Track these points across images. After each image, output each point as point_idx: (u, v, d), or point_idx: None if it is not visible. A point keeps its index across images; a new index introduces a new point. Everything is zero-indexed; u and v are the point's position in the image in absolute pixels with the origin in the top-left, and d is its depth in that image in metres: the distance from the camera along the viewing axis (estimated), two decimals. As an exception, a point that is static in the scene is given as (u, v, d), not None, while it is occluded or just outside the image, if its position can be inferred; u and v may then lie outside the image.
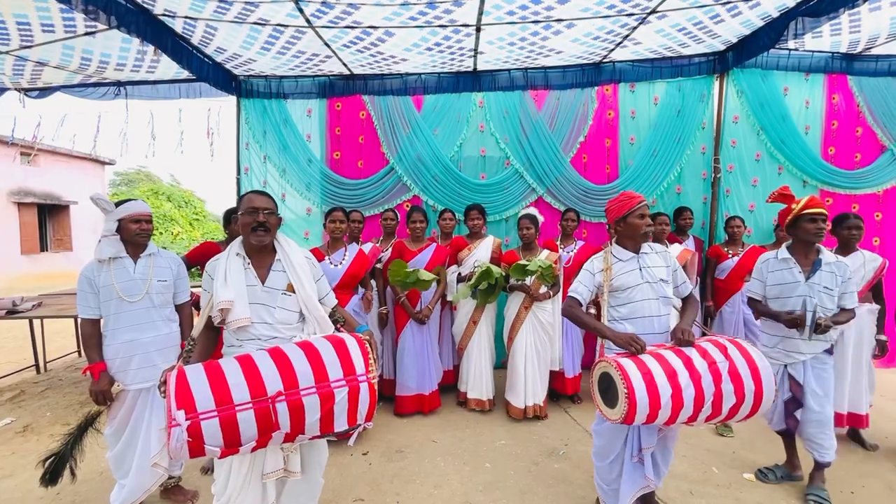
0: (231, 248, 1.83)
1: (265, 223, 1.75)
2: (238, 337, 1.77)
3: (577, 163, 4.54)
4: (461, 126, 4.53)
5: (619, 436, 2.20)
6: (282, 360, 1.57)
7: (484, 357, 3.59)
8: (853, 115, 4.45)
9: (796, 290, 2.45)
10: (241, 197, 1.82)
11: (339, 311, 2.00)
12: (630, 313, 2.16)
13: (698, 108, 4.47)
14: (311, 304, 1.82)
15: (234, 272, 1.75)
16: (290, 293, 1.81)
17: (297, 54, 3.89)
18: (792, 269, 2.49)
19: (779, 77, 4.42)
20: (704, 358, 1.91)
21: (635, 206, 2.18)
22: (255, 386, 1.49)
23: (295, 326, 1.83)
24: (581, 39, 3.71)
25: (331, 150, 4.65)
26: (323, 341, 1.65)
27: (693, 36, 3.80)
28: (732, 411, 1.92)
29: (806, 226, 2.45)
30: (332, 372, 1.57)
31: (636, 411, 1.80)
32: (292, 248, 1.89)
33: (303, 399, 1.52)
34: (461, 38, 3.59)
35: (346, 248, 3.20)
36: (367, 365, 1.63)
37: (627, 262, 2.21)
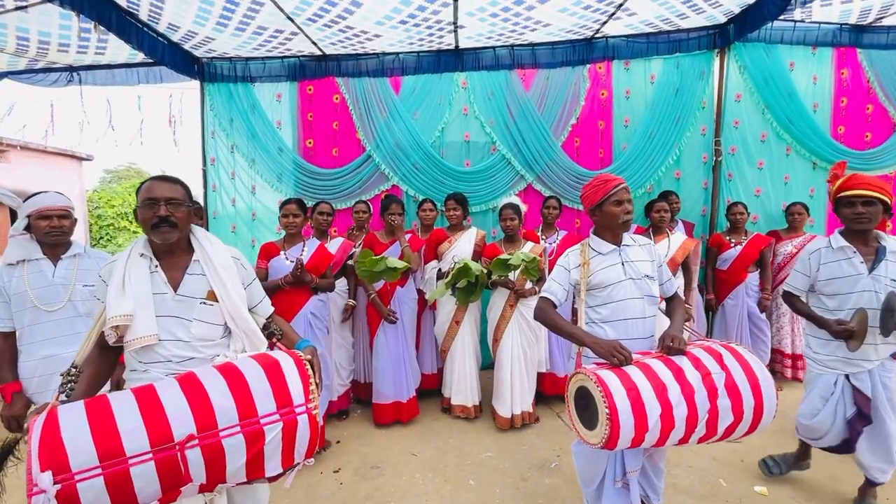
0: (133, 246, 1.47)
1: (169, 217, 1.40)
2: (142, 359, 1.42)
3: (569, 147, 4.22)
4: (443, 109, 4.19)
5: (600, 459, 1.90)
6: (195, 391, 1.24)
7: (468, 359, 3.29)
8: (863, 91, 4.14)
9: (858, 285, 2.07)
10: (139, 186, 1.48)
11: (277, 322, 1.68)
12: (611, 314, 1.86)
13: (698, 86, 4.15)
14: (238, 314, 1.49)
15: (136, 277, 1.40)
16: (212, 302, 1.46)
17: (259, 30, 3.53)
18: (852, 258, 2.09)
19: (784, 51, 4.10)
20: (698, 369, 1.62)
21: (610, 190, 1.86)
22: (156, 429, 1.16)
23: (218, 343, 1.49)
24: (570, 9, 3.37)
25: (303, 138, 4.30)
26: (251, 363, 1.34)
27: (693, 5, 3.47)
28: (728, 430, 1.64)
29: (843, 211, 2.11)
30: (261, 404, 1.26)
31: (619, 435, 1.52)
32: (214, 245, 1.54)
33: (223, 442, 1.21)
34: (437, 9, 3.24)
35: (304, 242, 2.88)
36: (307, 392, 1.32)
37: (608, 255, 1.90)
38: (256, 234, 4.27)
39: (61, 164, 12.38)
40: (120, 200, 13.52)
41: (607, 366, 1.66)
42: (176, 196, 1.44)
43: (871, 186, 2.04)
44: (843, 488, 2.40)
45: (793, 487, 2.46)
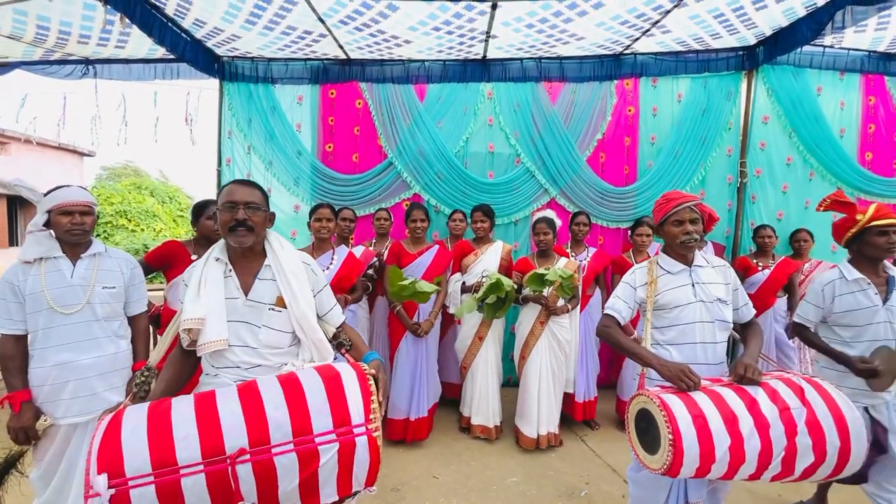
0: (211, 251, 1.45)
1: (247, 221, 1.38)
2: (214, 363, 1.40)
3: (594, 162, 4.16)
4: (468, 119, 4.11)
5: (662, 486, 1.80)
6: (252, 401, 1.16)
7: (491, 378, 3.16)
8: (892, 118, 4.12)
9: (875, 317, 2.01)
10: (220, 188, 1.47)
11: (348, 332, 1.58)
12: (678, 337, 1.79)
13: (725, 106, 4.12)
14: (306, 322, 1.42)
15: (212, 281, 1.38)
16: (280, 309, 1.41)
17: (287, 30, 3.45)
18: (867, 290, 2.04)
19: (812, 76, 4.08)
20: (775, 402, 1.52)
21: (670, 210, 1.80)
22: (209, 440, 1.09)
23: (286, 351, 1.43)
24: (607, 24, 3.32)
25: (323, 142, 4.20)
26: (312, 375, 1.24)
27: (728, 25, 3.44)
28: (808, 471, 1.52)
29: (875, 240, 2.03)
30: (317, 421, 1.15)
31: (682, 463, 1.43)
32: (286, 250, 1.48)
33: (274, 459, 1.11)
34: (474, 17, 3.18)
35: (333, 249, 2.76)
36: (368, 410, 1.20)
37: (677, 275, 1.82)
38: (270, 239, 4.13)
39: (62, 159, 12.19)
40: (119, 198, 13.30)
41: (672, 390, 1.57)
42: (254, 200, 1.42)
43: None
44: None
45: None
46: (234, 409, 1.14)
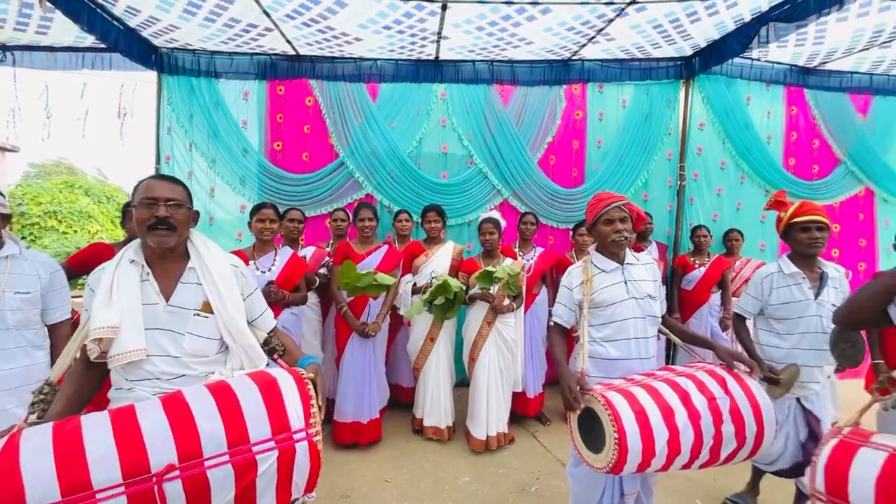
0: (124, 252, 1.33)
1: (168, 219, 1.29)
2: (128, 376, 1.28)
3: (545, 164, 4.26)
4: (421, 119, 4.10)
5: (599, 481, 1.87)
6: (179, 413, 1.08)
7: (442, 379, 3.16)
8: (810, 127, 4.49)
9: (808, 310, 2.13)
10: (137, 184, 1.34)
11: (280, 337, 1.52)
12: (613, 334, 1.84)
13: (665, 113, 4.34)
14: (235, 328, 1.34)
15: (127, 285, 1.27)
16: (207, 314, 1.33)
17: (230, 23, 3.31)
18: (801, 284, 2.15)
19: (742, 86, 4.38)
20: (703, 393, 1.61)
21: (601, 210, 1.86)
22: (131, 458, 1.01)
23: (213, 360, 1.34)
24: (555, 29, 3.41)
25: (271, 140, 4.06)
26: (246, 382, 1.18)
27: (666, 35, 3.62)
28: (730, 456, 1.64)
29: (797, 236, 2.16)
30: (255, 429, 1.10)
31: (627, 460, 1.48)
32: (212, 252, 1.40)
33: (207, 473, 1.05)
34: (424, 17, 3.17)
35: (276, 251, 2.66)
36: (308, 415, 1.17)
37: (611, 273, 1.88)
38: (214, 240, 3.91)
39: (-21, 154, 11.09)
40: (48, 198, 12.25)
41: (615, 387, 1.61)
42: (176, 196, 1.33)
43: (822, 212, 2.15)
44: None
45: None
46: (159, 423, 1.06)
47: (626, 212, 1.87)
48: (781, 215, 2.28)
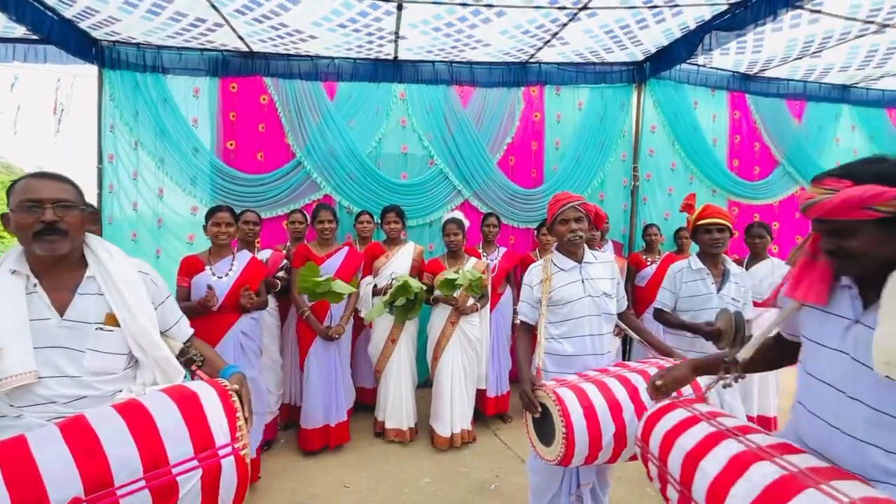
0: (3, 262, 1.17)
1: (58, 223, 1.14)
2: (14, 403, 1.11)
3: (505, 165, 4.31)
4: (380, 119, 4.07)
5: (556, 473, 1.92)
6: (83, 439, 0.98)
7: (404, 380, 3.15)
8: (752, 131, 4.76)
9: (709, 303, 2.31)
10: (11, 184, 1.19)
11: (198, 346, 1.44)
12: (570, 331, 1.91)
13: (619, 115, 4.48)
14: (146, 340, 1.24)
15: (8, 300, 1.12)
16: (111, 327, 1.21)
17: (176, 17, 3.17)
18: (705, 279, 2.35)
19: (690, 91, 4.58)
20: None
21: (557, 210, 1.93)
22: (24, 496, 0.90)
23: (120, 377, 1.22)
24: (510, 32, 3.46)
25: (224, 139, 3.91)
26: (161, 399, 1.10)
27: (618, 41, 3.74)
28: None
29: (701, 237, 2.37)
30: (174, 449, 1.04)
31: (574, 453, 1.54)
32: (115, 258, 1.27)
33: (121, 502, 0.96)
34: (380, 17, 3.14)
35: (233, 255, 2.57)
36: (234, 429, 1.12)
37: (569, 272, 1.94)
38: (163, 244, 3.77)
39: None
40: (-19, 198, 11.34)
41: (568, 383, 1.66)
42: (66, 197, 1.17)
43: (723, 215, 2.34)
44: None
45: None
46: (59, 453, 0.95)
47: (581, 212, 1.93)
48: (690, 218, 2.46)
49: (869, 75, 4.49)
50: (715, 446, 1.10)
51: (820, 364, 1.07)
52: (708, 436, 1.14)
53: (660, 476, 1.25)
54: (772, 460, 0.98)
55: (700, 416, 1.24)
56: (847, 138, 4.90)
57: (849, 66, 4.26)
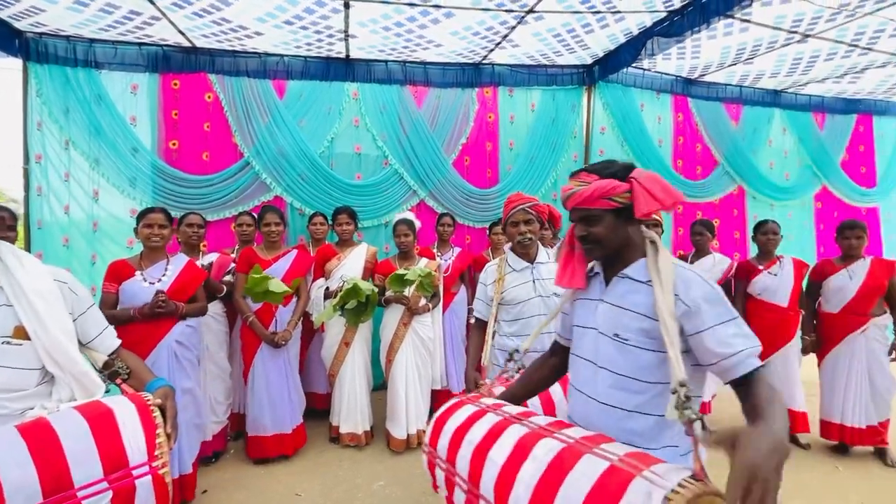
0: None
1: None
2: None
3: (460, 165, 4.34)
4: (332, 119, 4.00)
5: None
6: None
7: (358, 383, 3.10)
8: (694, 132, 5.00)
9: None
10: None
11: (124, 358, 1.37)
12: (521, 329, 1.95)
13: (570, 117, 4.60)
14: (61, 354, 1.17)
15: None
16: (20, 341, 1.14)
17: (108, 9, 2.99)
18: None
19: (636, 94, 4.76)
20: None
21: (508, 213, 1.99)
22: None
23: (32, 393, 1.16)
24: (461, 33, 3.48)
25: (166, 138, 3.74)
26: (71, 418, 1.04)
27: (566, 44, 3.84)
28: None
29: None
30: (80, 471, 0.98)
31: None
32: (26, 266, 1.20)
33: None
34: (327, 14, 3.09)
35: (168, 259, 2.46)
36: (152, 446, 1.07)
37: (521, 272, 1.99)
38: (99, 249, 3.56)
39: None
40: None
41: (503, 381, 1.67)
42: None
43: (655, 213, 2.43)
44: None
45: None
46: None
47: (531, 214, 1.97)
48: None
49: (796, 81, 4.81)
50: (501, 434, 1.09)
51: (581, 343, 1.24)
52: (495, 425, 1.13)
53: (447, 481, 1.20)
54: (552, 436, 1.02)
55: (487, 408, 1.24)
56: (778, 140, 5.24)
57: (778, 73, 4.56)
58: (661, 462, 0.88)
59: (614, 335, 1.12)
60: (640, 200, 1.12)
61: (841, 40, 3.70)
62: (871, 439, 2.98)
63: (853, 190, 5.45)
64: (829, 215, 5.40)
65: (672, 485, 0.79)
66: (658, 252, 1.14)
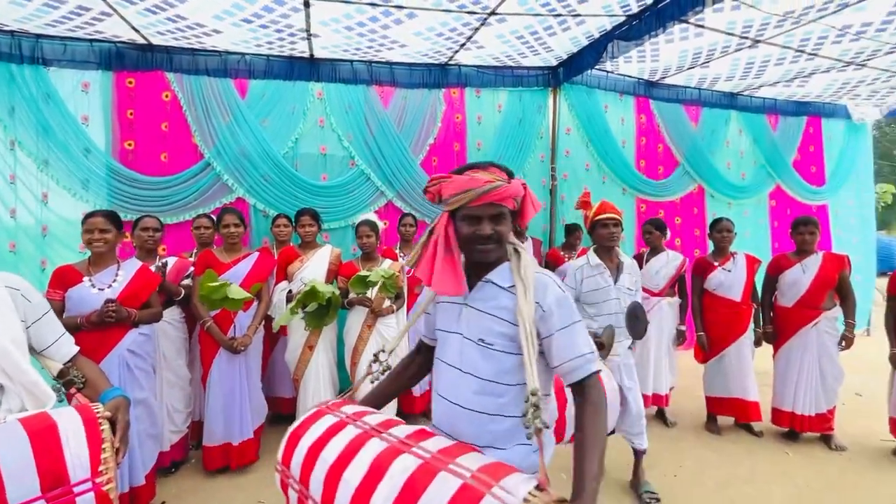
0: None
1: None
2: None
3: (428, 166, 4.34)
4: (297, 119, 3.94)
5: None
6: None
7: (324, 387, 3.06)
8: (655, 133, 5.15)
9: (609, 295, 2.48)
10: None
11: (80, 366, 1.32)
12: None
13: (536, 118, 4.67)
14: (9, 363, 1.14)
15: None
16: None
17: (54, 3, 2.86)
18: (603, 273, 2.51)
19: (601, 95, 4.87)
20: None
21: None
22: None
23: None
24: (425, 34, 3.49)
25: (121, 139, 3.60)
26: (12, 431, 1.00)
27: (530, 46, 3.90)
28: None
29: (599, 231, 2.51)
30: (15, 489, 0.94)
31: None
32: None
33: None
34: (287, 13, 3.04)
35: (119, 264, 2.37)
36: (96, 461, 1.03)
37: None
38: (49, 254, 3.40)
39: None
40: None
41: None
42: None
43: (616, 210, 2.51)
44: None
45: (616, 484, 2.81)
46: None
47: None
48: (588, 214, 2.61)
49: (750, 84, 5.02)
50: (359, 451, 1.03)
51: (445, 349, 1.21)
52: (353, 441, 1.06)
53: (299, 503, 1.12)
54: (409, 451, 0.99)
55: (347, 419, 1.16)
56: (735, 140, 5.46)
57: (733, 76, 4.74)
58: (513, 473, 0.91)
59: (479, 340, 1.12)
60: (529, 208, 1.16)
61: (788, 46, 3.88)
62: (819, 426, 3.14)
63: (804, 188, 5.73)
64: (782, 213, 5.65)
65: (519, 500, 0.84)
66: (521, 258, 1.15)
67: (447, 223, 1.16)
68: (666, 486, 2.64)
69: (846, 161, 5.98)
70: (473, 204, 1.11)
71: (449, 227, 1.16)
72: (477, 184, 1.11)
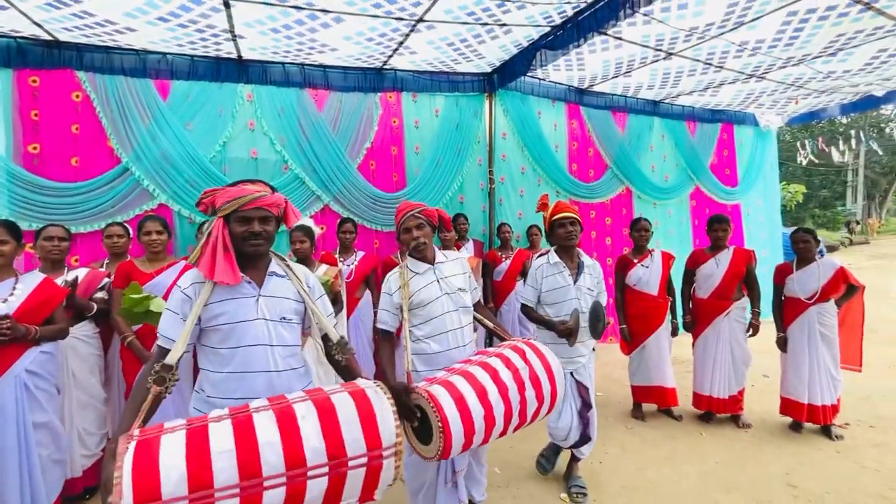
0: None
1: None
2: None
3: (365, 170, 4.33)
4: (224, 122, 3.80)
5: (428, 466, 1.99)
6: None
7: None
8: (586, 138, 5.42)
9: (568, 294, 2.49)
10: None
11: None
12: (433, 330, 1.98)
13: (473, 122, 4.78)
14: None
15: None
16: None
17: (-65, -6, 2.61)
18: (563, 272, 2.51)
19: (534, 101, 5.06)
20: (508, 367, 1.83)
21: (399, 220, 2.03)
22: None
23: None
24: (354, 39, 3.49)
25: (24, 142, 3.32)
26: None
27: (462, 53, 3.99)
28: (535, 415, 1.89)
29: (557, 231, 2.53)
30: None
31: (452, 445, 1.62)
32: None
33: None
34: (207, 13, 2.94)
35: (17, 277, 2.19)
36: None
37: (424, 274, 2.02)
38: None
39: None
40: None
41: (438, 380, 1.73)
42: None
43: (573, 209, 2.56)
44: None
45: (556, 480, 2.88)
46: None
47: (421, 218, 2.01)
48: (546, 215, 2.70)
49: (670, 93, 5.41)
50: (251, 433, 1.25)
51: (246, 335, 1.45)
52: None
53: None
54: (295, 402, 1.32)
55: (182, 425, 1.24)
56: (658, 145, 5.85)
57: (653, 85, 5.09)
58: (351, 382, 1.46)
59: (282, 318, 1.51)
60: (291, 216, 1.53)
61: (698, 58, 4.22)
62: (731, 408, 3.42)
63: (720, 189, 6.23)
64: (702, 212, 6.12)
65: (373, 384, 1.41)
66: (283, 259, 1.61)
67: (223, 227, 1.41)
68: (591, 473, 2.79)
69: (755, 164, 6.58)
70: (245, 208, 1.41)
71: (224, 229, 1.42)
72: (248, 192, 1.43)
